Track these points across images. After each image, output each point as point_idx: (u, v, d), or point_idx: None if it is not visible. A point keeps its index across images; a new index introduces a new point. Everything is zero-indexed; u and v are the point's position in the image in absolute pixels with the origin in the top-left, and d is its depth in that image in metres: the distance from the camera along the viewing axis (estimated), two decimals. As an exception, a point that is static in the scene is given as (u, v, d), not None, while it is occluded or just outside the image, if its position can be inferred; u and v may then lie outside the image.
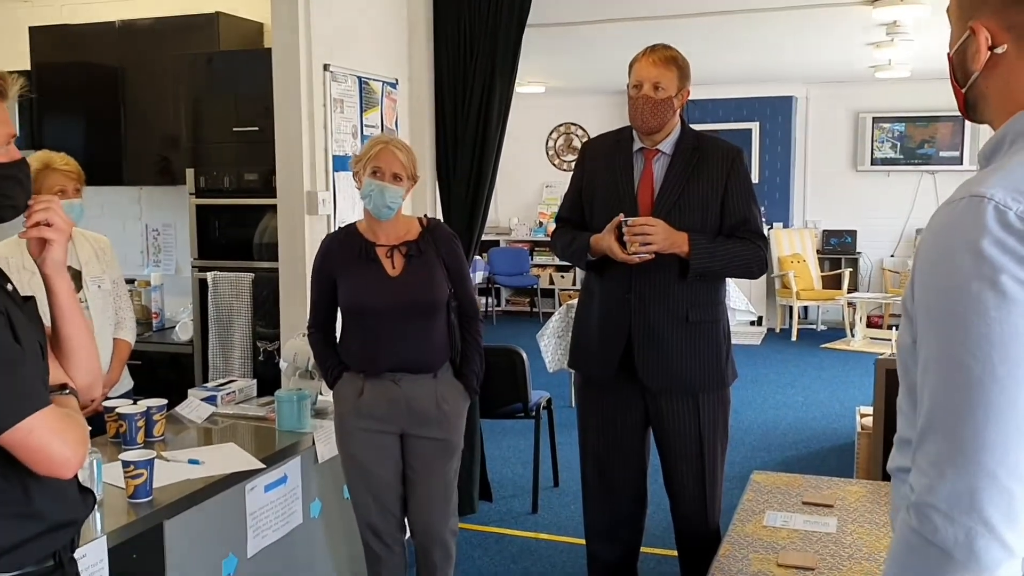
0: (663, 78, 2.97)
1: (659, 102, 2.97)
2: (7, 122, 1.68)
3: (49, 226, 1.76)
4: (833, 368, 8.30)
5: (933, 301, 1.07)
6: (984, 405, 1.01)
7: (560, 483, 5.18)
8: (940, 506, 1.03)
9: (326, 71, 3.79)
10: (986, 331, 1.01)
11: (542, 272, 11.04)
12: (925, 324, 1.08)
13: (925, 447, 1.06)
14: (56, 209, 1.77)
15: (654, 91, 2.97)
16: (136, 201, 5.17)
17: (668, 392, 3.06)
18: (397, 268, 3.02)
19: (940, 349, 1.05)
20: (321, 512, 3.29)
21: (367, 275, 3.01)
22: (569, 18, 5.73)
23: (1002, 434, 1.01)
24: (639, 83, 2.99)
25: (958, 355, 1.03)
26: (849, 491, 3.28)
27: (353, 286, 3.02)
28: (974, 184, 1.08)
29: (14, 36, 4.96)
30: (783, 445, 6.02)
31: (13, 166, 1.70)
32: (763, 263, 3.09)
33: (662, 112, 2.98)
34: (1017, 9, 1.12)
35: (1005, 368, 1.01)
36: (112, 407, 3.05)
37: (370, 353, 3.02)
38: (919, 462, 1.07)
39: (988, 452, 1.01)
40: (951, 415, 1.04)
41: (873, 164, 10.17)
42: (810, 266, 10.05)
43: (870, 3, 5.33)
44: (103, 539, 2.30)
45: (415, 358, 3.02)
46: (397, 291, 2.99)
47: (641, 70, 3.00)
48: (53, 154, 3.33)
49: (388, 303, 2.98)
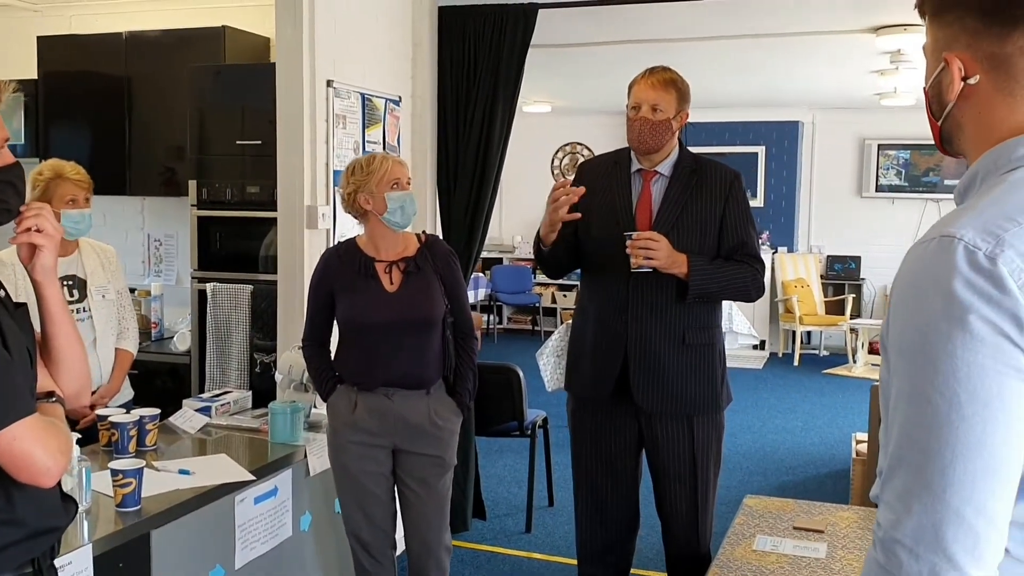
0: (661, 100, 2.99)
1: (656, 124, 2.98)
2: (0, 126, 1.70)
3: (39, 232, 1.77)
4: (834, 394, 8.28)
5: (904, 339, 1.08)
6: (951, 443, 1.02)
7: (555, 503, 5.16)
8: (905, 541, 1.03)
9: (329, 87, 3.82)
10: (953, 370, 1.02)
11: (544, 291, 11.06)
12: (896, 361, 1.09)
13: (892, 482, 1.07)
14: (46, 215, 1.78)
15: (652, 113, 2.98)
16: (139, 211, 5.20)
17: (662, 414, 3.06)
18: (395, 284, 3.04)
19: (910, 386, 1.06)
20: (311, 525, 3.29)
21: (365, 291, 3.02)
22: (575, 39, 5.77)
23: (968, 472, 1.01)
24: (637, 104, 3.01)
25: (926, 392, 1.04)
26: (841, 517, 3.27)
27: (351, 301, 3.04)
28: (946, 224, 1.09)
29: (23, 45, 5.01)
30: (780, 470, 6.00)
31: (7, 170, 1.71)
32: (760, 287, 3.09)
33: (659, 134, 3.00)
34: (989, 40, 1.13)
35: (972, 407, 1.01)
36: (105, 415, 3.06)
37: (365, 367, 3.03)
38: (886, 497, 1.08)
39: (954, 490, 1.02)
40: (918, 451, 1.04)
41: (878, 191, 10.19)
42: (814, 291, 10.04)
43: (874, 31, 5.36)
44: (89, 547, 2.30)
45: (409, 374, 3.03)
46: (394, 307, 3.00)
47: (639, 92, 3.02)
48: (64, 163, 3.34)
49: (385, 319, 2.99)
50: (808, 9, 4.77)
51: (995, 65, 1.13)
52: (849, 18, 5.19)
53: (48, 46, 4.90)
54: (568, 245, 3.13)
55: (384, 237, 3.05)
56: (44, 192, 3.23)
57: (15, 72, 4.95)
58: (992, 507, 1.01)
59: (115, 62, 4.78)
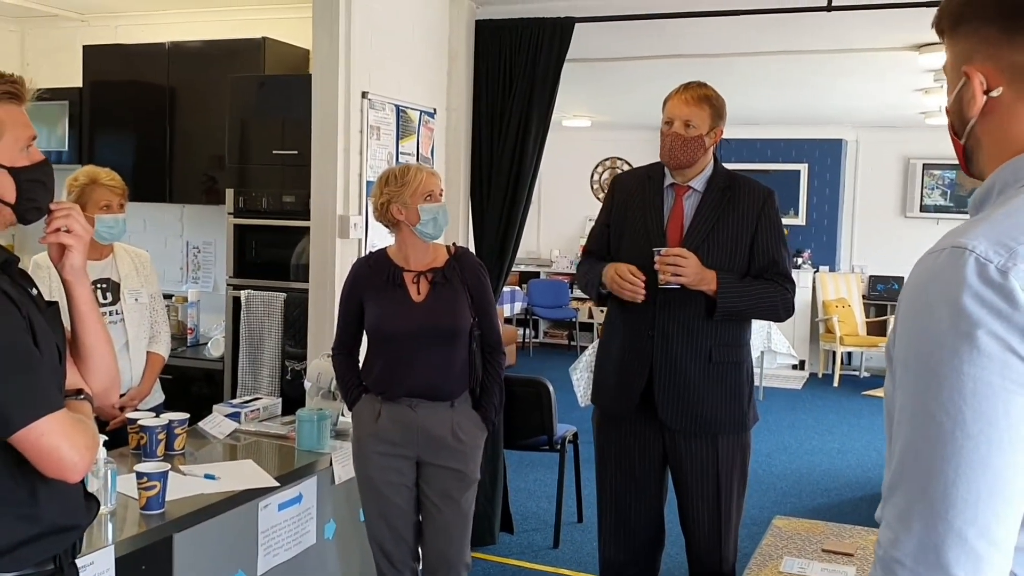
0: (694, 116, 2.97)
1: (688, 139, 2.97)
2: (28, 125, 1.73)
3: (68, 232, 1.80)
4: (873, 416, 8.15)
5: (910, 352, 1.05)
6: (955, 461, 0.99)
7: (584, 519, 5.13)
8: (906, 561, 1.01)
9: (364, 98, 3.85)
10: (959, 386, 0.99)
11: (581, 305, 11.02)
12: (902, 375, 1.07)
13: (893, 500, 1.04)
14: (76, 216, 1.81)
15: (684, 128, 2.97)
16: (179, 218, 5.28)
17: (686, 432, 3.03)
18: (422, 294, 3.05)
19: (914, 401, 1.03)
20: (335, 534, 3.30)
21: (392, 300, 3.04)
22: (613, 54, 5.75)
23: (972, 492, 0.98)
24: (670, 119, 3.00)
25: (930, 408, 1.01)
26: (871, 540, 3.21)
27: (378, 310, 3.06)
28: (958, 234, 1.06)
29: (70, 54, 5.12)
30: (814, 492, 5.92)
31: (36, 168, 1.74)
32: (790, 307, 3.06)
33: (691, 150, 2.98)
34: (1010, 48, 1.10)
35: (977, 426, 0.98)
36: (135, 419, 3.09)
37: (389, 377, 3.04)
38: (887, 515, 1.05)
39: (957, 510, 0.99)
40: (921, 469, 1.02)
41: (922, 211, 10.03)
42: (855, 311, 9.90)
43: (916, 49, 5.28)
44: (111, 548, 2.33)
45: (433, 384, 3.03)
46: (419, 316, 3.02)
47: (673, 107, 3.01)
48: (99, 169, 3.41)
49: (410, 328, 3.01)
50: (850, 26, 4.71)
51: (1018, 75, 1.10)
52: (891, 35, 5.12)
53: (93, 55, 5.00)
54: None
55: (414, 248, 3.07)
56: (79, 197, 3.29)
57: (62, 80, 5.07)
58: (996, 529, 0.98)
59: (158, 72, 4.86)
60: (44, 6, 5.12)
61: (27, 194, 1.72)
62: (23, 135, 1.71)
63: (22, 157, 1.71)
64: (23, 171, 1.71)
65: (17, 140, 1.70)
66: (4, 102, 1.68)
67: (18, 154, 1.70)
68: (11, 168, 1.69)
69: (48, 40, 5.50)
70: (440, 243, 3.17)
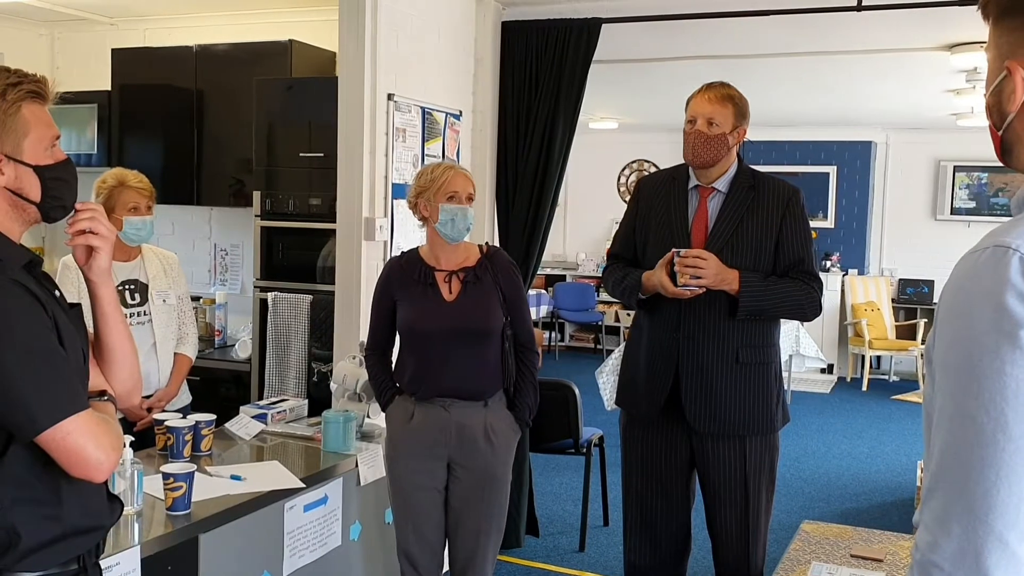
0: (717, 114, 2.95)
1: (711, 138, 2.95)
2: (51, 124, 1.74)
3: (94, 234, 1.80)
4: (902, 420, 8.06)
5: (950, 353, 1.03)
6: (996, 464, 0.97)
7: (610, 522, 5.10)
8: (944, 565, 0.98)
9: (390, 100, 3.85)
10: (1001, 387, 0.97)
11: (608, 309, 10.98)
12: (941, 376, 1.04)
13: (932, 503, 1.02)
14: (100, 218, 1.82)
15: (707, 127, 2.95)
16: (207, 221, 5.31)
17: (714, 434, 3.01)
18: (454, 293, 3.04)
19: (954, 403, 1.01)
20: (361, 535, 3.30)
21: (424, 299, 3.04)
22: (640, 55, 5.73)
23: (1014, 496, 0.96)
24: (693, 118, 2.98)
25: (971, 410, 0.99)
26: (901, 546, 3.16)
27: (410, 309, 3.05)
28: (1000, 233, 1.04)
29: (99, 57, 5.16)
30: (843, 497, 5.85)
31: (59, 167, 1.75)
32: (816, 306, 3.02)
33: (714, 148, 2.96)
34: None
35: (1020, 427, 0.96)
36: (162, 420, 3.11)
37: (422, 376, 3.03)
38: (925, 519, 1.02)
39: (998, 514, 0.96)
40: (960, 472, 0.99)
41: (953, 213, 9.91)
42: (884, 315, 9.79)
43: (948, 49, 5.21)
44: (137, 548, 2.34)
45: (466, 384, 3.02)
46: (451, 315, 3.01)
47: (696, 106, 2.99)
48: (127, 172, 3.43)
49: (442, 327, 3.00)
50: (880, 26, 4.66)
51: None
52: (923, 35, 5.07)
53: (122, 58, 5.04)
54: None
55: (443, 247, 3.06)
56: (107, 199, 3.31)
57: (92, 83, 5.11)
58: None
59: (186, 75, 4.89)
60: (74, 10, 5.17)
61: (51, 192, 1.73)
62: (47, 134, 1.72)
63: (46, 156, 1.73)
64: (48, 169, 1.72)
65: (42, 139, 1.71)
66: (29, 101, 1.69)
67: (43, 153, 1.72)
68: (36, 166, 1.70)
69: (78, 44, 5.55)
70: (471, 242, 3.16)
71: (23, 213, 1.72)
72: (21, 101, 1.67)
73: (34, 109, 1.70)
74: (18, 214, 1.72)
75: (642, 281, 3.00)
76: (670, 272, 2.89)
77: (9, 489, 1.64)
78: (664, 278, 2.89)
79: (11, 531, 1.63)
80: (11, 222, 1.72)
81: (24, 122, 1.68)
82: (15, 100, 1.67)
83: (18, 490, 1.65)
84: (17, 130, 1.68)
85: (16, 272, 1.66)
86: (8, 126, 1.67)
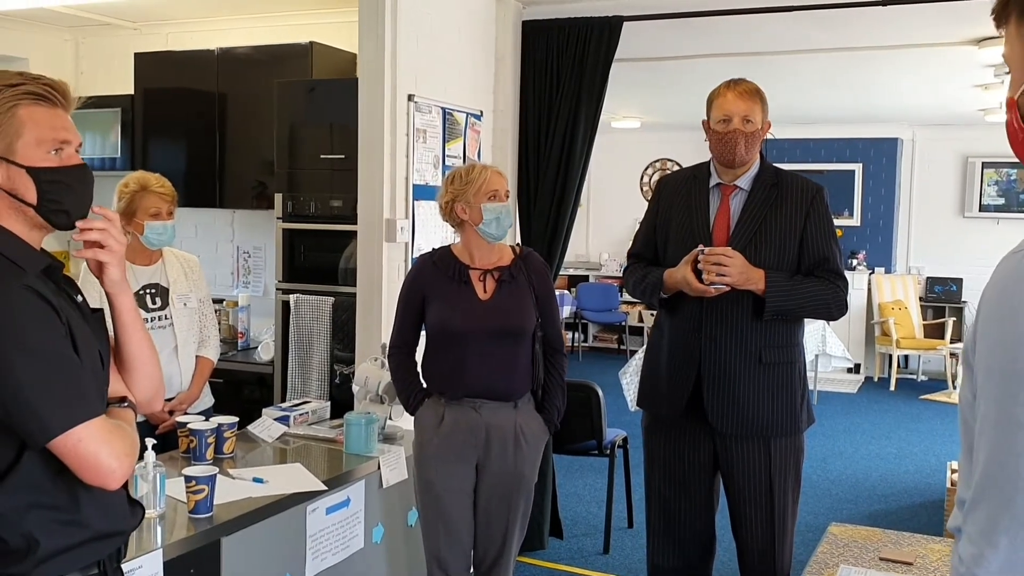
0: (751, 111, 2.92)
1: (750, 135, 2.92)
2: (56, 128, 1.69)
3: (102, 248, 1.77)
4: (931, 420, 7.96)
5: (994, 356, 0.99)
6: None
7: (634, 524, 5.07)
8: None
9: (410, 101, 3.84)
10: None
11: (631, 309, 10.93)
12: (984, 381, 1.00)
13: (976, 514, 0.98)
14: (111, 230, 1.78)
15: (744, 124, 2.91)
16: (229, 224, 5.32)
17: (738, 436, 2.97)
18: (488, 292, 3.02)
19: (998, 409, 0.97)
20: (383, 538, 3.28)
21: (458, 297, 3.01)
22: (663, 53, 5.69)
23: None
24: (727, 117, 2.92)
25: (1017, 417, 0.95)
26: (932, 549, 3.11)
27: (442, 307, 3.02)
28: None
29: (122, 61, 5.19)
30: (871, 498, 5.78)
31: (61, 171, 1.70)
32: (843, 305, 2.98)
33: (754, 146, 2.94)
34: None
35: None
36: (185, 423, 3.11)
37: (453, 376, 3.01)
38: (969, 530, 0.99)
39: None
40: (1006, 481, 0.95)
41: (982, 210, 9.79)
42: (912, 314, 9.68)
43: (976, 43, 5.14)
44: (160, 552, 2.33)
45: (496, 384, 3.00)
46: (486, 315, 2.99)
47: (728, 104, 2.94)
48: (150, 176, 3.43)
49: (475, 326, 2.98)
50: (906, 21, 4.60)
51: None
52: (950, 30, 5.00)
53: (144, 63, 5.06)
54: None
55: (479, 247, 3.04)
56: (129, 204, 3.32)
57: (116, 88, 5.14)
58: None
59: (208, 78, 4.91)
60: (97, 15, 5.20)
61: (49, 195, 1.68)
62: (48, 136, 1.68)
63: (48, 159, 1.68)
64: (43, 171, 1.68)
65: (41, 141, 1.67)
66: (28, 103, 1.66)
67: (42, 155, 1.67)
68: (30, 168, 1.67)
69: (101, 48, 5.58)
70: (505, 243, 3.14)
71: (26, 216, 1.69)
72: (17, 101, 1.65)
73: (33, 111, 1.67)
74: (22, 217, 1.69)
75: (663, 279, 2.97)
76: (694, 270, 2.86)
77: (25, 495, 1.63)
78: (689, 274, 2.86)
79: (28, 537, 1.62)
80: (22, 226, 1.70)
81: (19, 123, 1.65)
82: (9, 100, 1.64)
83: (34, 496, 1.64)
84: (10, 130, 1.65)
85: (32, 278, 1.64)
86: (0, 126, 1.65)
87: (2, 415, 1.58)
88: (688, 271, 2.86)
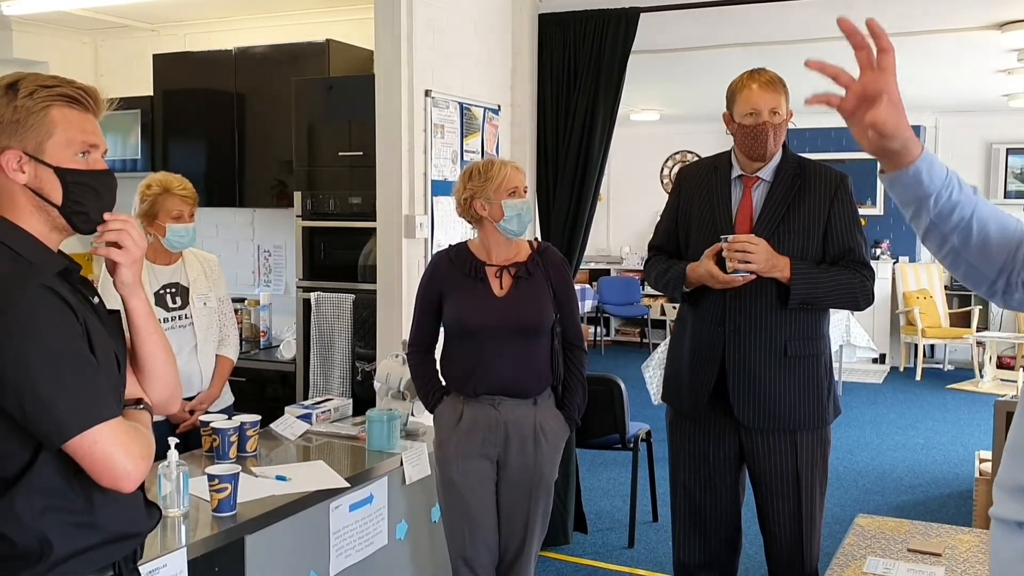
0: (778, 102, 2.88)
1: (778, 127, 2.88)
2: (86, 131, 1.70)
3: (118, 248, 1.76)
4: (958, 410, 7.88)
5: None
6: None
7: (659, 518, 5.04)
8: None
9: (427, 97, 3.83)
10: None
11: (653, 302, 10.88)
12: None
13: None
14: (129, 230, 1.77)
15: (772, 116, 2.87)
16: (249, 223, 5.34)
17: (764, 429, 2.94)
18: (505, 289, 3.00)
19: None
20: (407, 534, 3.28)
21: (474, 293, 2.99)
22: (681, 44, 5.64)
23: None
24: (755, 110, 2.87)
25: None
26: (960, 540, 3.07)
27: (459, 304, 3.01)
28: None
29: (141, 63, 5.21)
30: (899, 489, 5.73)
31: (87, 173, 1.71)
32: (869, 294, 2.93)
33: (781, 137, 2.91)
34: None
35: None
36: (207, 421, 3.12)
37: (470, 373, 2.99)
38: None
39: None
40: None
41: (1007, 197, 9.67)
42: (937, 302, 9.59)
43: (999, 27, 5.07)
44: (184, 550, 2.34)
45: (515, 381, 2.98)
46: (502, 311, 2.97)
47: (754, 96, 2.88)
48: (172, 177, 3.43)
49: (492, 323, 2.96)
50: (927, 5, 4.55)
51: None
52: (972, 14, 4.93)
53: (163, 64, 5.08)
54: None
55: (497, 243, 3.02)
56: (152, 206, 3.32)
57: (135, 89, 5.16)
58: None
59: (226, 78, 4.92)
60: (116, 17, 5.23)
61: (73, 197, 1.68)
62: (77, 139, 1.68)
63: (76, 161, 1.69)
64: (70, 173, 1.68)
65: (70, 143, 1.68)
66: (61, 104, 1.67)
67: (70, 157, 1.68)
68: (57, 168, 1.67)
69: (120, 50, 5.61)
70: (523, 238, 3.11)
71: (48, 217, 1.69)
72: (51, 102, 1.65)
73: (66, 113, 1.67)
74: (44, 217, 1.69)
75: (686, 273, 2.93)
76: (718, 261, 2.83)
77: (40, 497, 1.62)
78: (712, 266, 2.82)
79: (43, 540, 1.61)
80: (43, 226, 1.70)
81: (50, 123, 1.66)
82: (44, 100, 1.65)
83: (49, 498, 1.63)
84: (41, 130, 1.65)
85: (49, 278, 1.64)
86: (31, 124, 1.64)
87: (19, 416, 1.57)
88: (711, 264, 2.83)
